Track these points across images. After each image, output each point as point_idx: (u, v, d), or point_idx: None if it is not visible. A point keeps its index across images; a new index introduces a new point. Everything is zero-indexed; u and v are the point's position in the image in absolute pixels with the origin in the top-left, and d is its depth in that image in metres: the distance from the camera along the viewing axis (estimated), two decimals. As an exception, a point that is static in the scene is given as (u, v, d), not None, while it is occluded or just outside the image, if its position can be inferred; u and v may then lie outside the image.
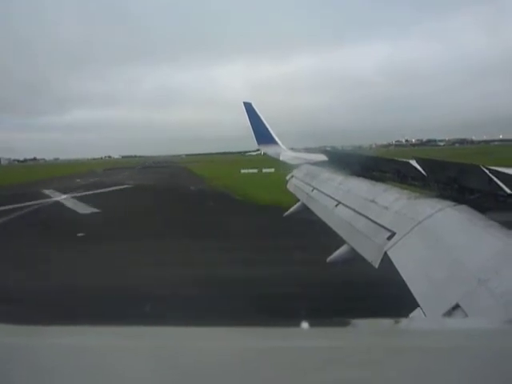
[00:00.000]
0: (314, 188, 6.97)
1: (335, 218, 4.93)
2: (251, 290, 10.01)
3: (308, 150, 14.71)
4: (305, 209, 7.67)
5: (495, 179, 2.89)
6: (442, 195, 3.54)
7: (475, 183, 3.23)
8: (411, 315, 2.28)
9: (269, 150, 15.78)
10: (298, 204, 8.31)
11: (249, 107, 16.49)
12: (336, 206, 5.13)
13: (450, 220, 2.92)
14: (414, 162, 4.23)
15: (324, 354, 0.71)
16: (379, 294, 6.77)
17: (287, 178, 10.05)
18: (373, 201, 4.22)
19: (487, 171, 2.95)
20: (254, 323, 0.89)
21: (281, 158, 13.59)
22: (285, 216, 9.24)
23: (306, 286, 9.83)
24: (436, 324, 1.21)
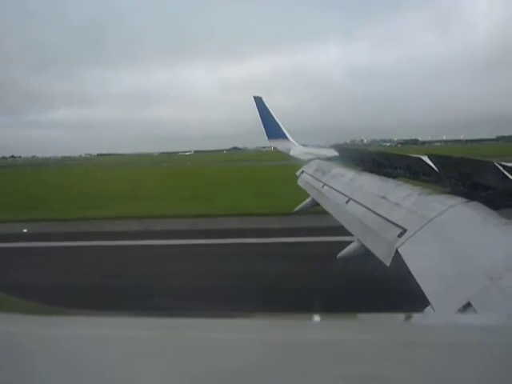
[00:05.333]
0: (325, 184, 6.95)
1: (346, 214, 4.91)
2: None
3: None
4: (314, 204, 7.66)
5: (509, 176, 2.84)
6: (455, 191, 3.50)
7: (488, 180, 3.18)
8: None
9: (279, 144, 15.74)
10: (308, 199, 8.30)
11: (259, 102, 16.40)
12: (347, 202, 5.11)
13: (461, 217, 2.88)
14: (426, 158, 4.19)
15: (334, 348, 0.72)
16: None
17: (297, 173, 10.03)
18: (384, 197, 4.19)
19: (501, 168, 2.90)
20: (264, 315, 0.89)
21: (291, 153, 13.55)
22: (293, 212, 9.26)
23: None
24: (447, 319, 1.21)
